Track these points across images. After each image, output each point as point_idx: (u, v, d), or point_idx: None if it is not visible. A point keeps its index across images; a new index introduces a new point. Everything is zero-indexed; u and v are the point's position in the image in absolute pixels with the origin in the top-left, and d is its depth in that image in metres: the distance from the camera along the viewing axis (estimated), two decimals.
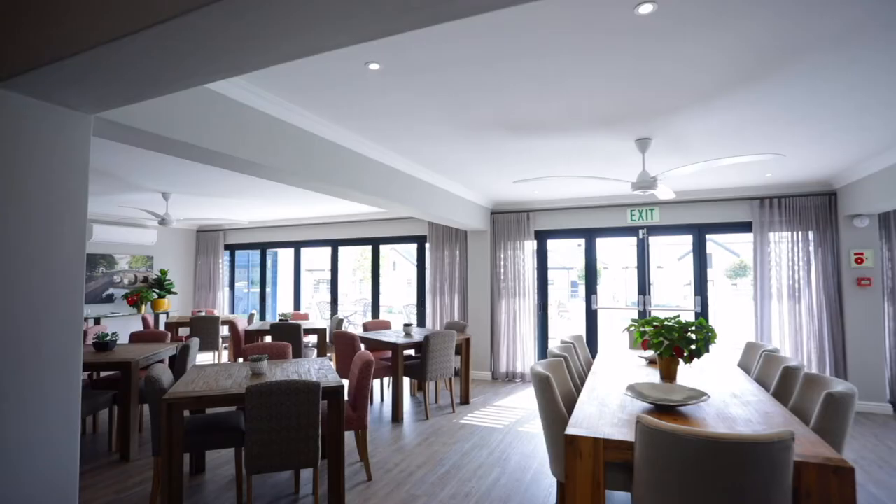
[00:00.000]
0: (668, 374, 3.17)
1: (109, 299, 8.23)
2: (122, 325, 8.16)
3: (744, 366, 3.83)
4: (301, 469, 2.94)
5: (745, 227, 5.92)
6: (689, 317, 6.37)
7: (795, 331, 5.38)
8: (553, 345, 7.32)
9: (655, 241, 6.65)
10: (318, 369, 3.56)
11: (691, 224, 6.19)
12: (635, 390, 2.66)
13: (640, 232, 6.52)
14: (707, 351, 3.02)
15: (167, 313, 8.60)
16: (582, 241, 7.14)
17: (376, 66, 2.48)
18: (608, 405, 2.59)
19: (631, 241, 6.75)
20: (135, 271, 8.63)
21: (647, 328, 3.32)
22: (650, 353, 3.91)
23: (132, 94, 1.72)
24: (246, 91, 2.84)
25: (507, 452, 4.10)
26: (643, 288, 6.51)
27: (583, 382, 3.65)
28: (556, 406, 2.59)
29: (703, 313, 6.05)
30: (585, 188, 5.97)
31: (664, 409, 2.45)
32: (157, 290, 8.44)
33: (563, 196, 6.56)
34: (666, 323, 3.18)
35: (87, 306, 7.94)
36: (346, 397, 4.58)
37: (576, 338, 4.34)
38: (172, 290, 8.64)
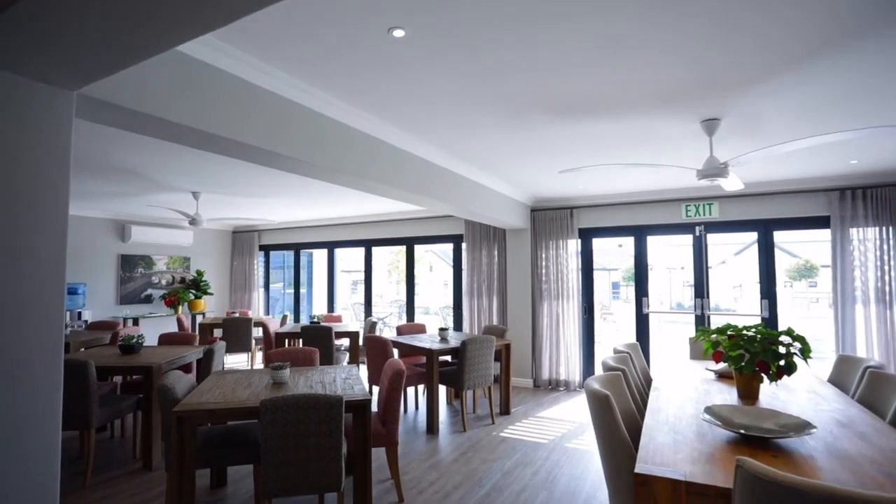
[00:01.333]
0: (749, 394, 2.69)
1: (148, 300, 8.28)
2: (160, 325, 8.19)
3: (837, 382, 3.26)
4: (323, 493, 2.64)
5: (820, 222, 5.25)
6: (751, 322, 5.74)
7: (886, 340, 4.69)
8: (600, 350, 6.82)
9: (711, 240, 6.04)
10: (345, 379, 3.25)
11: (756, 220, 5.56)
12: (715, 414, 2.20)
13: (697, 229, 5.93)
14: (796, 368, 2.52)
15: (203, 314, 8.59)
16: (623, 241, 6.65)
17: (401, 32, 2.14)
18: (682, 433, 2.15)
19: (683, 240, 6.18)
20: (172, 272, 8.67)
21: (720, 338, 2.84)
22: (721, 365, 3.39)
23: (106, 58, 1.44)
24: (263, 73, 2.55)
25: (553, 473, 3.68)
26: (700, 290, 5.92)
27: (643, 398, 3.19)
28: (618, 432, 2.17)
29: (770, 318, 5.41)
30: (635, 182, 5.45)
31: (755, 442, 1.99)
32: (193, 291, 8.44)
33: (610, 191, 6.04)
34: (745, 332, 2.69)
35: (126, 306, 8.01)
36: (375, 408, 4.27)
37: (631, 346, 3.87)
38: (209, 290, 8.62)
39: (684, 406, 2.58)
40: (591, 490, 3.38)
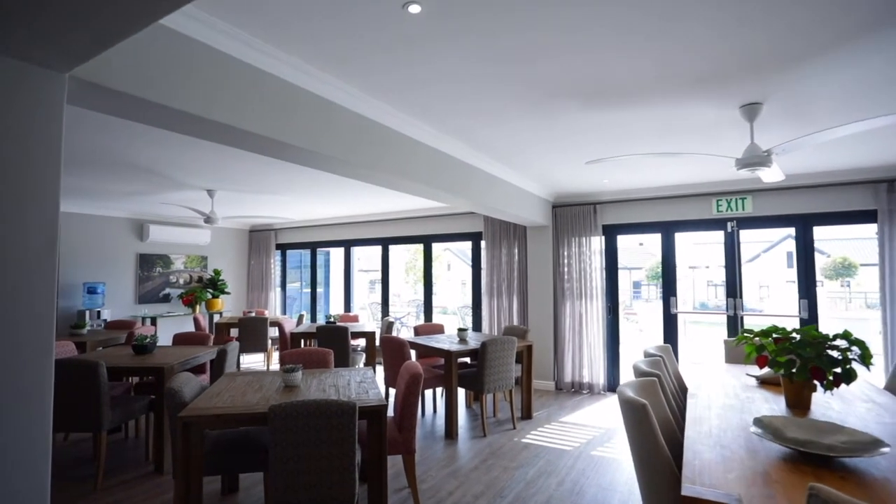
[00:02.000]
0: (799, 403, 2.45)
1: (166, 299, 8.29)
2: (178, 324, 8.19)
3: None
4: None
5: (864, 216, 4.90)
6: (787, 324, 5.41)
7: None
8: (624, 352, 6.56)
9: (743, 237, 5.73)
10: (359, 382, 3.10)
11: (793, 214, 5.24)
12: (766, 426, 1.98)
13: (729, 225, 5.63)
14: (856, 376, 2.27)
15: (220, 313, 8.57)
16: (649, 238, 6.36)
17: (417, 7, 1.96)
18: (729, 447, 1.93)
19: (708, 237, 5.93)
20: (190, 271, 8.67)
21: (765, 341, 2.60)
22: (765, 370, 3.14)
23: (88, 32, 1.30)
24: (275, 59, 2.41)
25: (579, 483, 3.47)
26: (733, 289, 5.62)
27: (679, 406, 2.96)
28: (657, 445, 1.96)
29: (810, 319, 5.10)
30: (663, 175, 5.19)
31: (815, 460, 1.76)
32: (211, 290, 8.42)
33: (636, 185, 5.79)
34: (795, 336, 2.45)
35: (144, 305, 8.02)
36: (391, 412, 4.12)
37: (662, 349, 3.63)
38: (226, 290, 8.59)
39: (727, 416, 2.35)
40: None
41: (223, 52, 2.25)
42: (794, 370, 2.32)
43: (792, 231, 5.36)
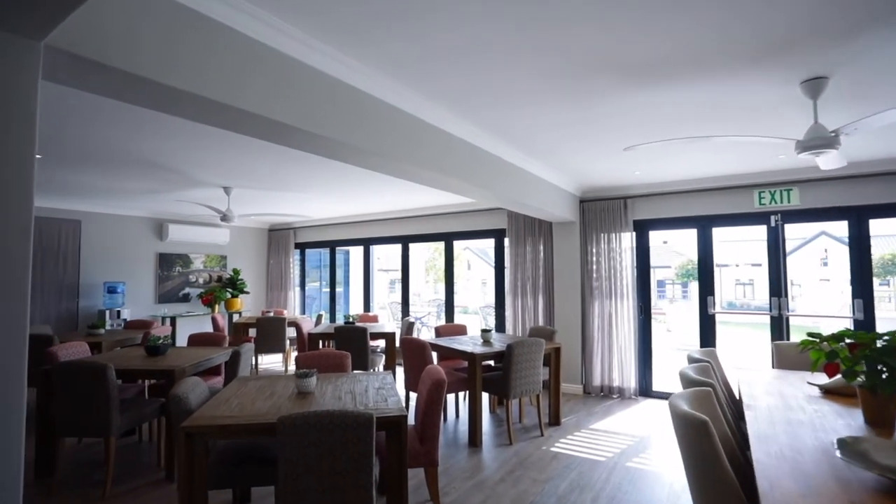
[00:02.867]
0: (882, 420, 2.12)
1: (185, 298, 8.23)
2: (197, 324, 8.12)
3: None
4: None
5: None
6: (839, 325, 5.00)
7: None
8: (655, 352, 6.19)
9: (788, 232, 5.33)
10: (378, 388, 2.87)
11: (846, 206, 4.83)
12: (852, 450, 1.67)
13: (773, 219, 5.24)
14: None
15: (240, 313, 8.47)
16: (681, 234, 6.00)
17: None
18: (810, 474, 1.63)
19: (741, 234, 5.54)
20: (209, 270, 8.60)
21: (835, 346, 2.28)
22: (836, 378, 2.79)
23: None
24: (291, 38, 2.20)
25: (616, 498, 3.18)
26: (777, 288, 5.22)
27: (734, 418, 2.65)
28: (721, 467, 1.68)
29: (867, 321, 4.68)
30: (700, 166, 4.84)
31: None
32: (230, 290, 8.33)
33: (670, 178, 5.43)
34: (880, 342, 2.12)
35: (164, 305, 7.97)
36: (412, 420, 3.90)
37: (707, 353, 3.31)
38: (245, 289, 8.50)
39: (798, 434, 2.04)
40: None
41: (253, 38, 2.10)
42: (877, 382, 2.00)
43: (832, 226, 4.96)
